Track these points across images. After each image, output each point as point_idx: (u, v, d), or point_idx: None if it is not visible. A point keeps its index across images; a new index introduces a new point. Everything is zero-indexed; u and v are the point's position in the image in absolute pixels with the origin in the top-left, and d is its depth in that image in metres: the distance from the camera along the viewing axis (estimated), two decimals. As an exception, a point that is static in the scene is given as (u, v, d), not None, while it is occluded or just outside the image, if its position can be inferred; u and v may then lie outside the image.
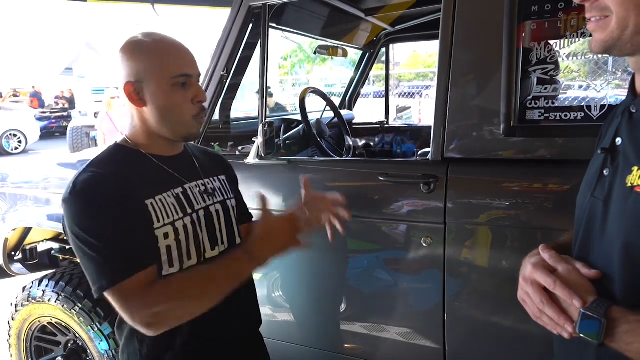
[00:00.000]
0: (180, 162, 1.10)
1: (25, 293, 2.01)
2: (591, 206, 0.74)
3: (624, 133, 0.70)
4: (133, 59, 0.99)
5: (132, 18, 10.48)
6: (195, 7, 3.48)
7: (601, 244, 0.71)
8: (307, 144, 2.31)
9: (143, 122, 1.04)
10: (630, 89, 0.73)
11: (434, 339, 1.44)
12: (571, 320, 0.66)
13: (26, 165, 2.35)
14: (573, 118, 1.23)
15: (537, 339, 1.07)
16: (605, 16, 0.65)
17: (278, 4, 1.73)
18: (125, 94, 1.00)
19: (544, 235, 1.22)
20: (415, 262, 1.43)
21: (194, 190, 1.09)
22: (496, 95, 1.26)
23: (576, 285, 0.67)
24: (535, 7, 1.23)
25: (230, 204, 1.17)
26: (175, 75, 0.99)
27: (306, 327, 1.70)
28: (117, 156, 1.04)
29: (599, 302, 0.64)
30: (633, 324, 0.61)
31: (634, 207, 0.63)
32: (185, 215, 1.04)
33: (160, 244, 0.99)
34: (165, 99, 0.99)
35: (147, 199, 0.98)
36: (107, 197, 0.93)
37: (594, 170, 0.77)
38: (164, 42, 1.01)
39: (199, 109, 1.03)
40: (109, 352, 1.85)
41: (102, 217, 0.92)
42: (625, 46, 0.64)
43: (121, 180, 0.97)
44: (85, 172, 0.96)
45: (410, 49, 23.10)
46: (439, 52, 1.35)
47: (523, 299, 0.74)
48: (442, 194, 1.34)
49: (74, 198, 0.93)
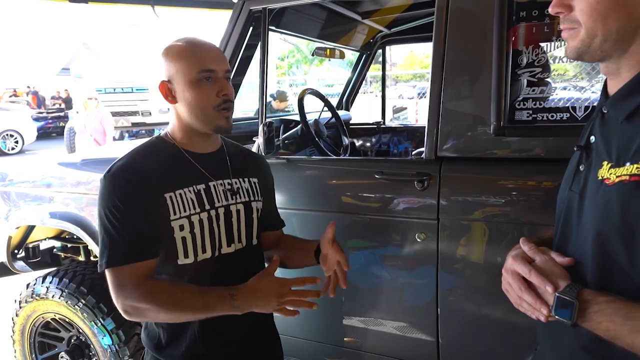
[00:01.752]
0: (212, 160, 1.16)
1: (29, 290, 2.04)
2: (569, 200, 0.80)
3: (597, 131, 0.76)
4: (166, 60, 1.08)
5: (129, 19, 10.49)
6: (194, 9, 3.52)
7: (577, 234, 0.76)
8: (306, 144, 2.36)
9: (178, 118, 1.12)
10: (603, 91, 0.79)
11: (428, 332, 1.49)
12: (547, 304, 0.72)
13: (27, 165, 2.39)
14: (559, 118, 1.29)
15: (527, 330, 1.12)
16: (575, 27, 0.72)
17: (277, 8, 1.78)
18: (161, 93, 1.10)
19: (533, 230, 1.28)
20: (409, 258, 1.48)
21: (218, 188, 1.14)
22: (487, 96, 1.32)
23: (551, 273, 0.73)
24: (523, 12, 1.29)
25: (255, 206, 1.21)
26: (200, 70, 1.06)
27: (303, 320, 1.74)
28: (154, 148, 1.13)
29: (572, 286, 0.70)
30: (602, 305, 0.67)
31: (603, 198, 0.69)
32: (202, 210, 1.10)
33: (176, 234, 1.07)
34: (191, 93, 1.07)
35: (167, 192, 1.06)
36: (131, 185, 1.03)
37: (572, 166, 0.83)
38: (192, 43, 1.09)
39: (220, 101, 1.09)
40: (112, 346, 1.88)
41: (121, 203, 1.02)
42: (595, 53, 0.71)
43: (149, 172, 1.07)
44: (123, 159, 1.08)
45: (407, 50, 23.16)
46: (433, 54, 1.41)
47: (506, 288, 0.80)
48: (435, 191, 1.39)
49: (105, 180, 1.05)
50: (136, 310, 1.03)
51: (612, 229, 0.67)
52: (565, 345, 0.79)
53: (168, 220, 1.06)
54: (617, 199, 0.66)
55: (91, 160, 2.18)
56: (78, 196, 1.98)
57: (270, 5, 1.67)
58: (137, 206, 1.03)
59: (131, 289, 1.01)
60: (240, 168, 1.21)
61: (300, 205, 1.63)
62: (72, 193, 2.01)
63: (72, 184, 2.02)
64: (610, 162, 0.70)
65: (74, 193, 2.01)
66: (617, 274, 0.69)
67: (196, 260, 1.10)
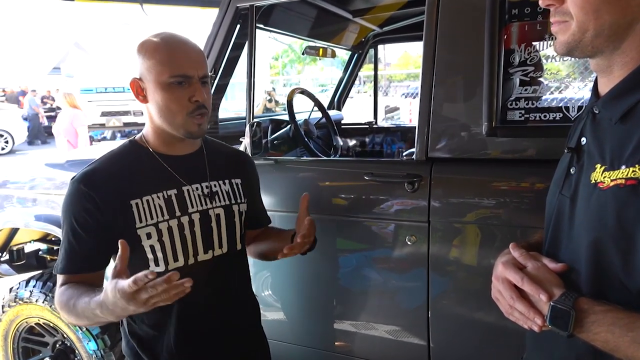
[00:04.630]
0: (188, 163, 1.11)
1: (12, 294, 1.99)
2: (559, 204, 0.77)
3: (588, 133, 0.73)
4: (139, 56, 1.02)
5: (120, 17, 10.40)
6: (184, 7, 3.48)
7: (569, 240, 0.73)
8: (296, 144, 2.33)
9: (150, 119, 1.07)
10: (593, 91, 0.76)
11: (419, 335, 1.46)
12: (540, 314, 0.68)
13: (13, 166, 2.34)
14: (552, 118, 1.26)
15: (518, 334, 1.09)
16: (566, 20, 0.68)
17: (265, 5, 1.74)
18: (131, 90, 1.04)
19: (525, 233, 1.25)
20: (400, 261, 1.45)
21: (193, 192, 1.09)
22: (479, 96, 1.29)
23: (544, 280, 0.70)
24: (515, 10, 1.26)
25: (236, 209, 1.16)
26: (172, 75, 0.99)
27: (294, 325, 1.71)
28: (125, 153, 1.09)
29: (568, 295, 0.66)
30: (599, 315, 0.64)
31: (597, 203, 0.66)
32: (172, 217, 1.05)
33: (144, 242, 1.02)
34: (161, 96, 1.01)
35: (134, 199, 1.02)
36: (90, 196, 0.99)
37: (561, 169, 0.80)
38: (169, 42, 1.01)
39: (193, 107, 1.02)
40: (97, 352, 1.84)
41: (79, 211, 0.99)
42: (586, 48, 0.68)
43: (115, 178, 1.02)
44: (92, 165, 1.04)
45: (401, 49, 23.21)
46: (423, 53, 1.38)
47: (496, 297, 0.76)
48: (426, 193, 1.36)
49: (70, 185, 1.03)
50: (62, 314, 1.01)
51: (606, 235, 0.64)
52: (559, 357, 0.76)
53: (134, 228, 1.01)
54: (612, 204, 0.63)
55: (77, 161, 2.13)
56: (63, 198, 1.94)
57: (258, 3, 1.64)
58: (87, 219, 1.00)
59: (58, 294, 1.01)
60: (220, 169, 1.16)
61: (289, 207, 1.59)
62: (58, 195, 1.96)
63: (58, 185, 1.97)
64: (603, 165, 0.67)
65: (59, 195, 1.96)
66: (612, 281, 0.66)
67: (167, 269, 1.04)
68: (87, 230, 1.00)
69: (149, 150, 1.08)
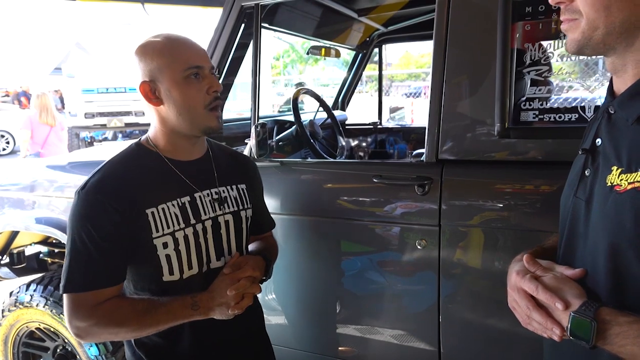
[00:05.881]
0: (197, 168, 1.08)
1: (12, 298, 1.96)
2: (574, 207, 0.75)
3: (604, 133, 0.71)
4: (145, 59, 0.98)
5: (122, 17, 10.37)
6: (186, 6, 3.45)
7: (585, 244, 0.71)
8: (301, 145, 2.29)
9: (162, 122, 1.03)
10: (608, 90, 0.73)
11: (429, 340, 1.43)
12: (558, 323, 0.66)
13: (14, 167, 2.31)
14: (567, 119, 1.23)
15: (531, 339, 1.06)
16: (576, 18, 0.67)
17: (270, 4, 1.71)
18: (142, 94, 1.00)
19: (538, 237, 1.22)
20: (409, 265, 1.42)
21: (205, 199, 1.06)
22: (490, 96, 1.26)
23: (560, 289, 0.67)
24: (529, 8, 1.23)
25: (243, 215, 1.14)
26: (187, 68, 0.98)
27: (301, 330, 1.68)
28: (133, 158, 1.04)
29: (589, 304, 0.64)
30: (624, 326, 0.61)
31: (613, 207, 0.64)
32: (187, 225, 1.02)
33: (159, 252, 0.99)
34: (179, 92, 0.98)
35: (149, 208, 0.98)
36: (105, 207, 0.94)
37: (576, 170, 0.77)
38: (172, 39, 1.00)
39: (211, 99, 1.01)
40: (98, 357, 1.81)
41: (93, 228, 0.93)
42: (598, 46, 0.66)
43: (128, 187, 0.98)
44: (99, 172, 0.98)
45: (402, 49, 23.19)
46: (433, 53, 1.34)
47: (513, 306, 0.75)
48: (436, 195, 1.33)
49: (78, 197, 0.96)
50: (91, 334, 0.96)
51: (624, 239, 0.62)
52: None
53: (150, 239, 0.98)
54: (629, 208, 0.61)
55: (79, 163, 2.10)
56: (65, 201, 1.91)
57: (263, 2, 1.61)
58: (110, 230, 0.94)
59: (89, 312, 0.94)
60: (227, 174, 1.14)
61: (295, 210, 1.56)
62: (59, 197, 1.93)
63: (58, 187, 1.94)
64: (620, 167, 0.64)
65: (60, 197, 1.93)
66: (632, 288, 0.63)
67: (182, 278, 1.02)
68: (112, 241, 0.95)
69: (158, 154, 1.04)
